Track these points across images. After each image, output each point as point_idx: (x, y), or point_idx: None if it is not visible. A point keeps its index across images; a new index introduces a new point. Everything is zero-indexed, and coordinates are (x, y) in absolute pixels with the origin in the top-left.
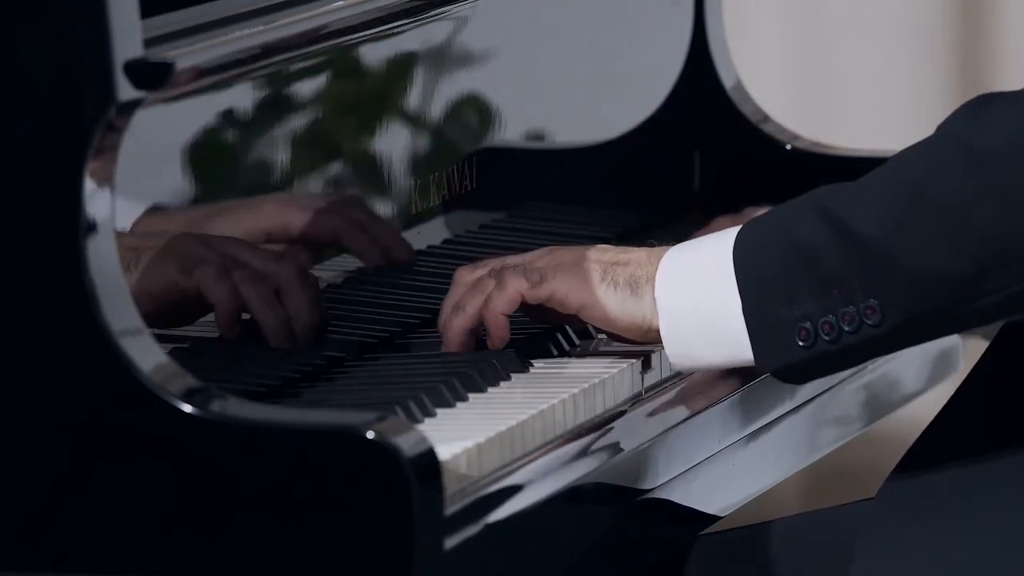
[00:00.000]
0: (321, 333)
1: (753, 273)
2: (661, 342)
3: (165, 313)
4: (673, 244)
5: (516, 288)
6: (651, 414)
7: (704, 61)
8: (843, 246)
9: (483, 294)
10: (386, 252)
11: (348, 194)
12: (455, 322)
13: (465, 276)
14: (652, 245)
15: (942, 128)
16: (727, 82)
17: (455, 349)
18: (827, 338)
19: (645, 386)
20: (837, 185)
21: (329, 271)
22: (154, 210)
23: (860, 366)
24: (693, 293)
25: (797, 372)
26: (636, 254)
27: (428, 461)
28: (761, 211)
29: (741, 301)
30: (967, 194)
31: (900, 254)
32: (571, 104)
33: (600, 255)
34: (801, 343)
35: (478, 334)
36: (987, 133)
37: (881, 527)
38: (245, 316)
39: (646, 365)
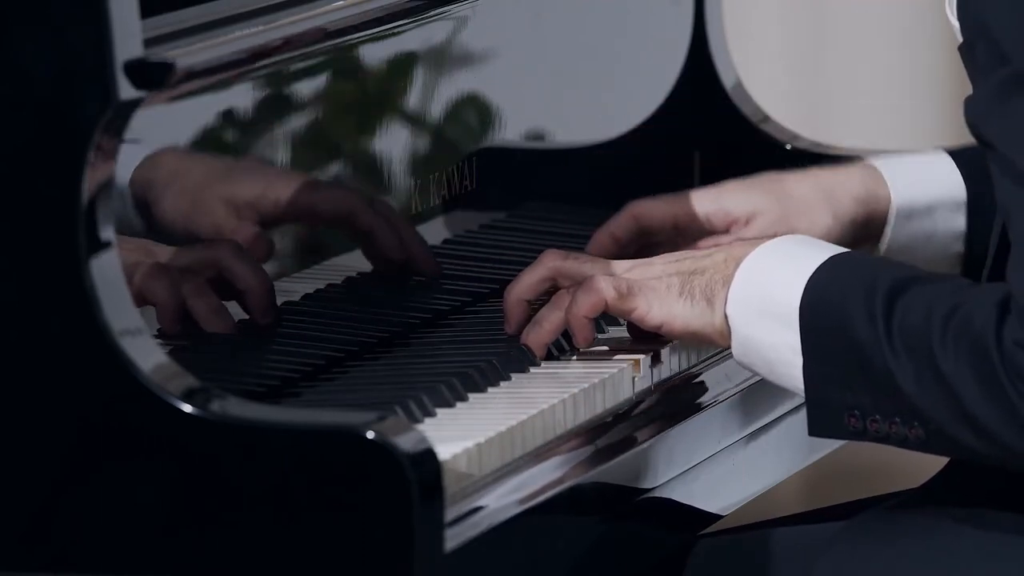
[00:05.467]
0: (271, 303)
1: (816, 343)
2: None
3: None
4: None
5: (602, 296)
6: (651, 414)
7: (704, 61)
8: (890, 377)
9: (561, 310)
10: (411, 263)
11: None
12: (531, 337)
13: (553, 260)
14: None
15: (976, 325)
16: (727, 82)
17: (514, 331)
18: (874, 433)
19: (646, 386)
20: (893, 281)
21: (329, 271)
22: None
23: None
24: (761, 329)
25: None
26: (713, 258)
27: (428, 461)
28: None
29: (803, 361)
30: (996, 419)
31: (938, 422)
32: (571, 104)
33: (679, 266)
34: (850, 428)
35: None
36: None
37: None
38: (244, 317)
39: (646, 365)
